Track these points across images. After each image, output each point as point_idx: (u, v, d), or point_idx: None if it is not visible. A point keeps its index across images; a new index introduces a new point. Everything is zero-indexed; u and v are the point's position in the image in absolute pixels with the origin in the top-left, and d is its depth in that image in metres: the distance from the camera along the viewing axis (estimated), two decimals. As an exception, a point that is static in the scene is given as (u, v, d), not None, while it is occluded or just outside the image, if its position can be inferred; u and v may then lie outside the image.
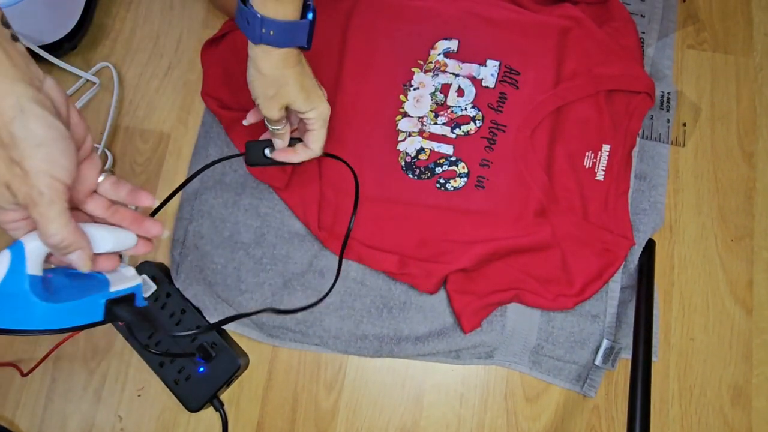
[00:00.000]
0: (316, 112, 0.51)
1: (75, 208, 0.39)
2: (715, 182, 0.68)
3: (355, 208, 0.60)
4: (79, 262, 0.37)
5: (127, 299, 0.40)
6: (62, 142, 0.34)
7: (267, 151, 0.55)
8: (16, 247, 0.36)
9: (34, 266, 0.36)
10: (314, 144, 0.53)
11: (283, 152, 0.55)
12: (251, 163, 0.56)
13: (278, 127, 0.52)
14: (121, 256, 0.42)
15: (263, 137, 0.57)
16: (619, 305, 0.63)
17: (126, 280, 0.40)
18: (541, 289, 0.62)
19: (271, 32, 0.44)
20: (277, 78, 0.47)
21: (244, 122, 0.56)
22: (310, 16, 0.45)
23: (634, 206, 0.66)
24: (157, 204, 0.43)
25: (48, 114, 0.34)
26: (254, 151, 0.55)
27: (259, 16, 0.43)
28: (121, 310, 0.39)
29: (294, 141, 0.56)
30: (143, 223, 0.41)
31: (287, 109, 0.51)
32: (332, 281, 0.63)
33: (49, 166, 0.34)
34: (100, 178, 0.40)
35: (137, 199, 0.41)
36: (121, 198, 0.41)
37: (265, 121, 0.52)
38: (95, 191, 0.40)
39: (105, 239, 0.39)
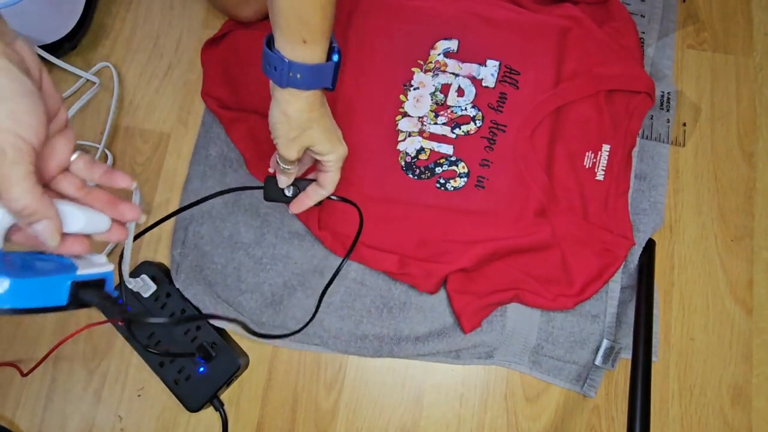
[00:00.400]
0: (336, 155, 0.50)
1: (45, 185, 0.36)
2: (715, 182, 0.68)
3: (356, 240, 0.59)
4: (45, 233, 0.34)
5: (95, 285, 0.36)
6: (29, 98, 0.32)
7: (287, 191, 0.55)
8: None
9: None
10: (329, 185, 0.53)
11: (298, 204, 0.55)
12: (270, 198, 0.55)
13: (290, 167, 0.51)
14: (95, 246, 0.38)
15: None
16: (619, 305, 0.63)
17: (95, 266, 0.37)
18: (541, 289, 0.62)
19: (299, 75, 0.43)
20: (303, 121, 0.46)
21: (270, 170, 0.55)
22: (335, 57, 0.45)
23: (634, 206, 0.66)
24: (135, 186, 0.40)
25: (14, 68, 0.32)
26: (274, 186, 0.54)
27: (287, 60, 0.43)
28: (87, 294, 0.35)
29: (300, 182, 0.55)
30: (119, 206, 0.38)
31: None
32: (332, 281, 0.63)
33: (13, 122, 0.31)
34: (74, 156, 0.37)
35: (113, 180, 0.38)
36: (95, 179, 0.38)
37: (278, 159, 0.51)
38: (68, 169, 0.37)
39: (75, 217, 0.36)
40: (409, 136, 0.66)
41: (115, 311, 0.36)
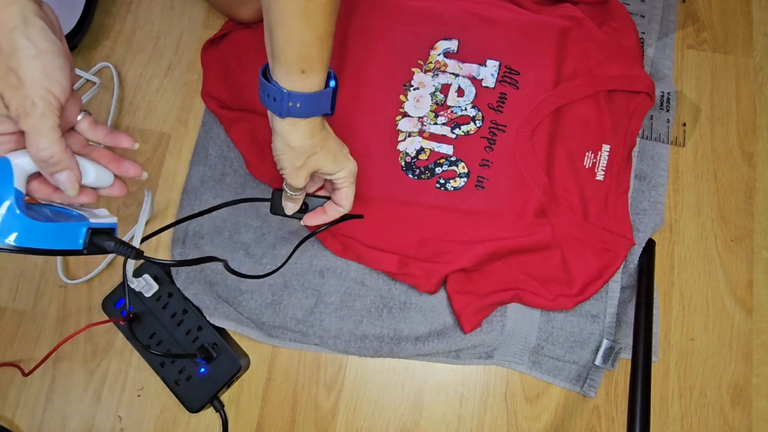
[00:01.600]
0: (345, 172, 0.50)
1: None
2: (715, 182, 0.68)
3: None
4: (67, 183, 0.36)
5: (106, 233, 0.39)
6: (60, 58, 0.35)
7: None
8: (2, 161, 0.35)
9: (19, 183, 0.35)
10: (345, 202, 0.53)
11: (314, 217, 0.55)
12: (275, 212, 0.55)
13: (297, 194, 0.51)
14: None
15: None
16: (619, 305, 0.63)
17: (101, 218, 0.40)
18: (541, 289, 0.62)
19: (298, 105, 0.43)
20: (306, 148, 0.46)
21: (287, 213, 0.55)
22: (332, 83, 0.45)
23: (634, 206, 0.66)
24: (137, 146, 0.43)
25: (48, 29, 0.34)
26: (281, 201, 0.54)
27: (285, 91, 0.42)
28: (101, 239, 0.38)
29: (310, 199, 0.55)
30: (122, 162, 0.41)
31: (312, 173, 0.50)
32: (332, 281, 0.63)
33: (45, 78, 0.34)
34: (79, 116, 0.40)
35: (117, 140, 0.41)
36: (99, 138, 0.41)
37: (285, 186, 0.51)
38: (74, 128, 0.40)
39: (88, 170, 0.39)
40: (409, 136, 0.66)
41: (129, 252, 0.39)
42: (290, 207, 0.53)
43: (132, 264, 0.57)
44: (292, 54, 0.41)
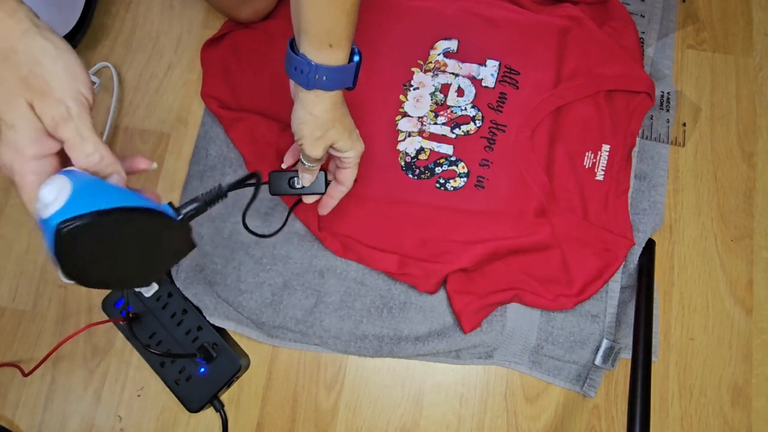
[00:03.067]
0: (355, 152, 0.52)
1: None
2: (715, 182, 0.68)
3: None
4: (119, 185, 0.35)
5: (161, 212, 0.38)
6: (75, 56, 0.34)
7: (295, 182, 0.55)
8: (66, 173, 0.32)
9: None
10: (348, 181, 0.54)
11: (323, 206, 0.57)
12: (275, 192, 0.56)
13: (314, 165, 0.52)
14: None
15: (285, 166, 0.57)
16: (619, 305, 0.63)
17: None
18: (541, 289, 0.62)
19: (324, 78, 0.45)
20: (327, 120, 0.48)
21: (283, 165, 0.56)
22: (356, 58, 0.47)
23: (634, 206, 0.66)
24: (154, 165, 0.41)
25: (53, 31, 0.33)
26: (278, 181, 0.55)
27: (313, 64, 0.44)
28: (186, 206, 0.38)
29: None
30: (132, 159, 0.40)
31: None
32: (332, 281, 0.63)
33: (70, 77, 0.32)
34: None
35: (133, 164, 0.40)
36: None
37: (302, 159, 0.52)
38: None
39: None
40: (409, 136, 0.66)
41: (218, 196, 0.40)
42: (307, 178, 0.54)
43: None
44: (321, 29, 0.43)
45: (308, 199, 0.57)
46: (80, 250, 0.32)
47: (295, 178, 0.55)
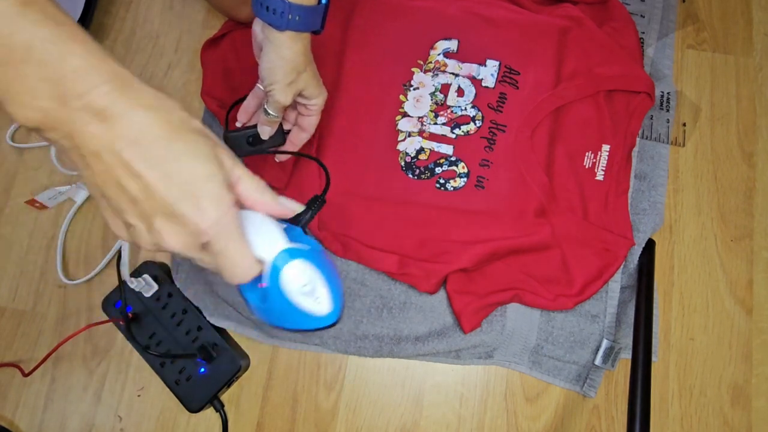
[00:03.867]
0: (322, 99, 0.52)
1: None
2: (715, 182, 0.68)
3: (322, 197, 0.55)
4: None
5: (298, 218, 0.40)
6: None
7: (254, 140, 0.54)
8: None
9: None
10: (311, 128, 0.55)
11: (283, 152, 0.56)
12: (236, 154, 0.55)
13: (278, 116, 0.52)
14: None
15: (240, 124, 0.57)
16: (619, 305, 0.63)
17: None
18: (541, 289, 0.62)
19: (297, 18, 0.45)
20: (299, 64, 0.48)
21: (237, 124, 0.56)
22: (324, 0, 0.47)
23: (634, 206, 0.66)
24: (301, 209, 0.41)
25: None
26: (236, 142, 0.54)
27: (287, 2, 0.44)
28: (306, 215, 0.40)
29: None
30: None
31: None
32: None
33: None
34: None
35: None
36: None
37: (266, 108, 0.52)
38: None
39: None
40: (409, 136, 0.66)
41: (319, 206, 0.41)
42: (267, 131, 0.54)
43: (127, 266, 0.57)
44: None
45: (280, 158, 0.56)
46: None
47: (252, 136, 0.54)
